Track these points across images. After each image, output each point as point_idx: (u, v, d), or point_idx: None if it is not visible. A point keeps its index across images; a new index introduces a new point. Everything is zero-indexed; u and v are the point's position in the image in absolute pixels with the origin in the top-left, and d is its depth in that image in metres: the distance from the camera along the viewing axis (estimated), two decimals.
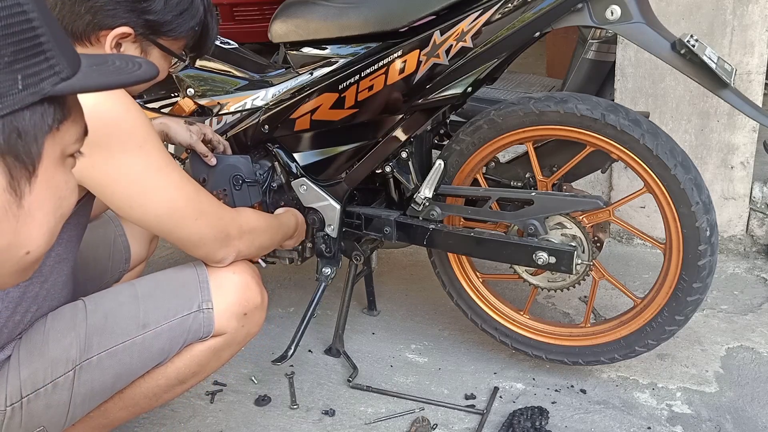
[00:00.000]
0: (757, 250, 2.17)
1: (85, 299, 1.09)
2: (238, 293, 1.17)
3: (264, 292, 1.23)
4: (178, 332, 1.11)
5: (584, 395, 1.58)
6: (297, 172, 1.66)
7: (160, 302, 1.11)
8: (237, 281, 1.18)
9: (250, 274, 1.21)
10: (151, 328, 1.08)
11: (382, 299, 2.01)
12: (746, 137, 2.07)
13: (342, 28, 1.52)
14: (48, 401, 1.01)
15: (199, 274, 1.16)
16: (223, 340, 1.17)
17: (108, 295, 1.12)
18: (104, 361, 1.05)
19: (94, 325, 1.05)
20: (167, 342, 1.10)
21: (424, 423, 1.49)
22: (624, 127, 1.35)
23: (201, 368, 1.18)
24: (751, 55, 2.00)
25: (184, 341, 1.12)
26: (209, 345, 1.16)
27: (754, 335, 1.77)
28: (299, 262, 1.76)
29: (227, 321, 1.15)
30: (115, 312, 1.08)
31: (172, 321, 1.10)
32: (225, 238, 1.17)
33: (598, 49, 1.95)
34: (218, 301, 1.14)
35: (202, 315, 1.13)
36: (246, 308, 1.18)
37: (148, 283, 1.15)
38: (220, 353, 1.19)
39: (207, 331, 1.14)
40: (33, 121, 0.56)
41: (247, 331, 1.21)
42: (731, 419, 1.47)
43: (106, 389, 1.08)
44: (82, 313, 1.06)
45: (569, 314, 1.91)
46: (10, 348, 1.01)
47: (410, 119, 1.53)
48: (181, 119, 1.62)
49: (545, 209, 1.46)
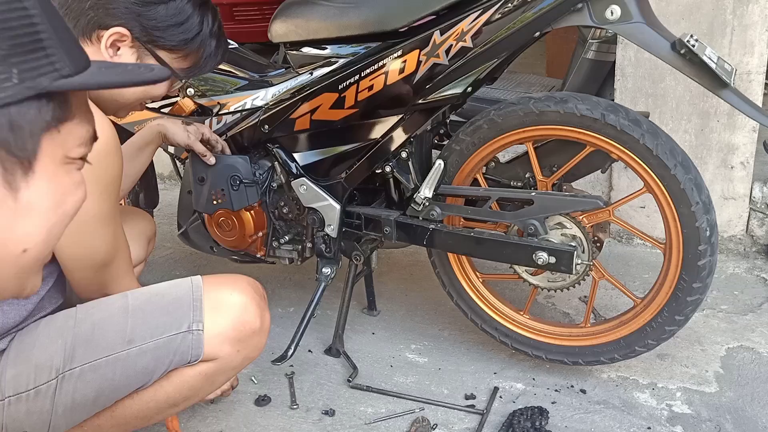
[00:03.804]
0: (757, 250, 2.17)
1: (79, 307, 1.07)
2: (233, 316, 1.09)
3: (265, 314, 1.14)
4: (164, 352, 1.04)
5: (584, 395, 1.58)
6: (297, 171, 1.66)
7: (149, 318, 1.05)
8: (235, 303, 1.10)
9: (251, 295, 1.12)
10: (137, 344, 1.02)
11: (382, 299, 2.01)
12: (746, 137, 2.07)
13: (342, 28, 1.52)
14: (29, 407, 0.98)
15: (194, 292, 1.09)
16: (216, 365, 1.09)
17: (101, 304, 1.08)
18: (87, 373, 1.00)
19: (81, 335, 1.02)
20: (152, 361, 1.04)
21: (424, 423, 1.49)
22: (624, 127, 1.35)
23: (193, 393, 1.11)
24: (751, 55, 2.00)
25: (170, 362, 1.05)
26: (200, 370, 1.08)
27: (754, 335, 1.77)
28: (299, 262, 1.77)
29: (219, 346, 1.07)
30: (103, 324, 1.04)
31: (158, 339, 1.04)
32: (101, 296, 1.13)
33: (598, 49, 1.95)
34: (211, 324, 1.07)
35: (191, 336, 1.05)
36: (242, 333, 1.09)
37: (140, 296, 1.09)
38: (213, 378, 1.11)
39: (195, 354, 1.06)
40: (28, 116, 0.55)
41: (245, 356, 1.13)
42: (731, 419, 1.47)
43: (88, 403, 1.03)
44: (72, 321, 1.03)
45: (569, 314, 1.91)
46: (6, 341, 1.01)
47: (410, 119, 1.53)
48: (178, 119, 1.63)
49: (545, 209, 1.46)
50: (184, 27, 1.20)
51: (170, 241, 2.43)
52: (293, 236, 1.75)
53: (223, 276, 1.16)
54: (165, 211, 2.63)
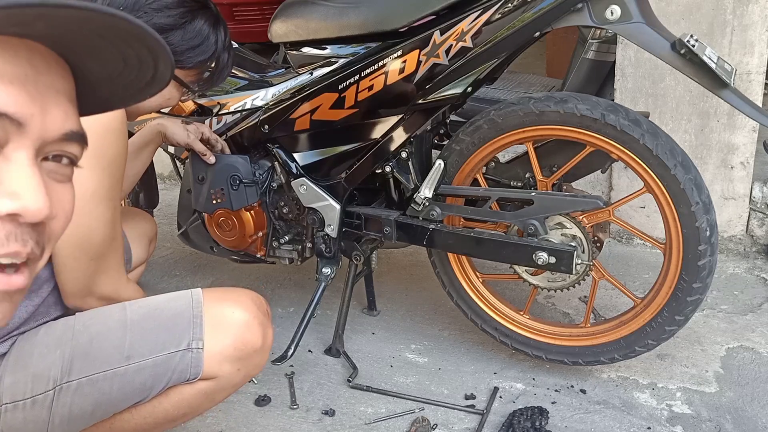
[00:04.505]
0: (757, 250, 2.17)
1: (78, 316, 1.05)
2: (235, 334, 1.05)
3: (268, 332, 1.11)
4: (162, 369, 1.01)
5: (584, 395, 1.58)
6: (297, 172, 1.66)
7: (148, 333, 1.02)
8: (237, 320, 1.06)
9: (254, 312, 1.09)
10: (135, 360, 1.00)
11: (382, 299, 2.01)
12: (746, 137, 2.07)
13: (342, 28, 1.52)
14: (26, 416, 0.97)
15: (194, 307, 1.05)
16: (216, 384, 1.06)
17: (99, 316, 1.06)
18: (84, 387, 0.99)
19: (79, 348, 1.00)
20: (150, 378, 1.01)
21: (424, 423, 1.49)
22: (624, 127, 1.35)
23: (192, 410, 1.09)
24: (751, 55, 2.00)
25: (169, 380, 1.02)
26: (200, 388, 1.05)
27: (754, 335, 1.77)
28: (299, 262, 1.77)
29: (219, 364, 1.04)
30: (102, 337, 1.01)
31: (157, 357, 1.01)
32: (93, 289, 1.12)
33: (598, 49, 1.94)
34: (211, 342, 1.03)
35: (191, 355, 1.02)
36: (243, 352, 1.06)
37: (140, 310, 1.06)
38: (213, 396, 1.09)
39: (195, 372, 1.03)
40: None
41: (245, 374, 1.09)
42: (731, 419, 1.47)
43: (86, 415, 1.01)
44: (70, 332, 1.01)
45: (569, 314, 1.91)
46: (7, 345, 1.00)
47: (410, 119, 1.53)
48: (178, 119, 1.63)
49: (545, 209, 1.46)
50: (201, 48, 1.22)
51: (170, 241, 2.43)
52: (293, 236, 1.75)
53: (226, 290, 1.13)
54: (165, 211, 2.63)
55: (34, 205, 0.53)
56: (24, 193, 0.52)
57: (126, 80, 0.61)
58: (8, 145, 0.53)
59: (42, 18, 0.50)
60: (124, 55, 0.57)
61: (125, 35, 0.54)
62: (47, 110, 0.55)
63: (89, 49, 0.56)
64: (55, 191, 0.57)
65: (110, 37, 0.54)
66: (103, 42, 0.55)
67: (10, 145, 0.53)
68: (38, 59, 0.55)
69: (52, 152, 0.57)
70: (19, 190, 0.52)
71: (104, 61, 0.58)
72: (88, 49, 0.56)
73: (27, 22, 0.50)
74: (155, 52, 0.57)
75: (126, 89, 0.63)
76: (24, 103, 0.53)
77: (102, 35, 0.54)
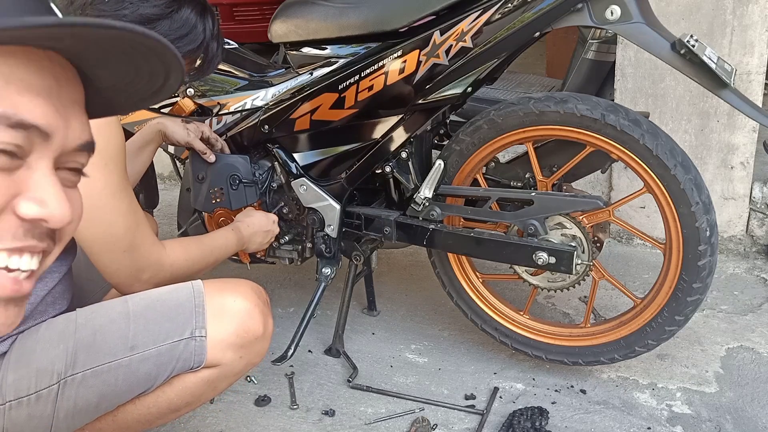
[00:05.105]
0: (757, 250, 2.17)
1: (79, 311, 1.06)
2: (237, 322, 1.07)
3: (269, 320, 1.13)
4: (167, 358, 1.03)
5: (584, 395, 1.58)
6: (297, 172, 1.66)
7: (152, 324, 1.04)
8: (238, 309, 1.08)
9: (254, 301, 1.11)
10: (139, 351, 1.01)
11: (382, 299, 2.01)
12: (746, 137, 2.07)
13: (342, 28, 1.52)
14: (30, 411, 0.98)
15: (195, 297, 1.07)
16: (218, 371, 1.08)
17: (101, 309, 1.07)
18: (89, 379, 1.00)
19: (83, 340, 1.01)
20: (154, 367, 1.03)
21: (424, 423, 1.49)
22: (624, 127, 1.35)
23: (195, 399, 1.10)
24: (751, 55, 2.00)
25: (173, 369, 1.04)
26: (202, 376, 1.07)
27: (754, 335, 1.77)
28: (299, 262, 1.77)
29: (222, 352, 1.06)
30: (105, 329, 1.03)
31: (161, 346, 1.02)
32: (138, 275, 1.15)
33: (598, 49, 1.94)
34: (213, 330, 1.05)
35: (194, 343, 1.04)
36: (245, 339, 1.08)
37: (141, 301, 1.07)
38: (216, 384, 1.10)
39: (198, 360, 1.05)
40: None
41: (247, 362, 1.11)
42: (731, 419, 1.47)
43: (91, 408, 1.02)
44: (73, 326, 1.02)
45: (569, 314, 1.91)
46: (7, 344, 1.00)
47: (410, 119, 1.53)
48: (178, 119, 1.63)
49: (545, 209, 1.46)
50: (189, 38, 1.21)
51: None
52: (293, 236, 1.75)
53: (225, 281, 1.15)
54: (165, 211, 2.63)
55: (60, 213, 0.55)
56: (50, 201, 0.55)
57: (133, 89, 0.62)
58: (32, 154, 0.54)
59: (74, 35, 0.51)
60: (137, 66, 0.58)
61: (146, 51, 0.55)
62: (69, 122, 0.56)
63: (104, 61, 0.57)
64: (69, 197, 0.58)
65: (131, 52, 0.55)
66: (122, 56, 0.56)
67: (33, 154, 0.54)
68: (59, 70, 0.56)
69: (66, 163, 0.58)
70: (46, 197, 0.55)
71: (116, 71, 0.59)
72: (103, 61, 0.57)
73: (59, 37, 0.51)
74: (169, 66, 0.58)
75: (131, 97, 0.64)
76: (52, 116, 0.54)
77: (125, 51, 0.55)
